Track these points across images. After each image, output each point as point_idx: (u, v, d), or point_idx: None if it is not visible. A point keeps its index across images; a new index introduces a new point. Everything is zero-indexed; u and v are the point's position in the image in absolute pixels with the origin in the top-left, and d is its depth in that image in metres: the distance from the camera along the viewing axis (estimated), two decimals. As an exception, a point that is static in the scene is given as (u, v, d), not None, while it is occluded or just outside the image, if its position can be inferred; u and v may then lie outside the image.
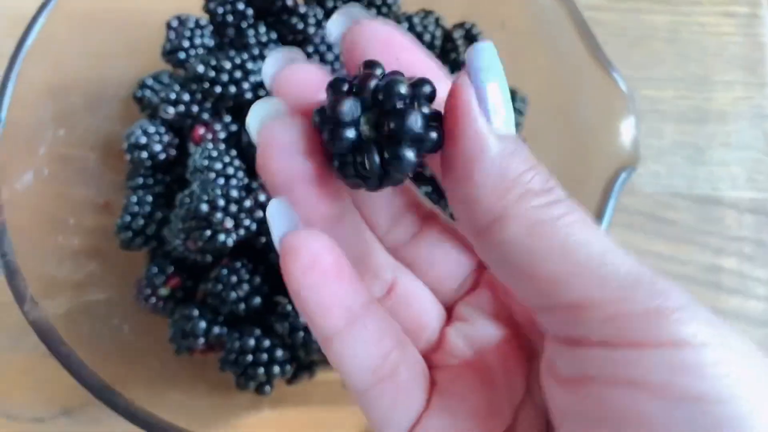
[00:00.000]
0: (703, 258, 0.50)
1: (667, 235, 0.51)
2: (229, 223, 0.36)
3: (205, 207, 0.35)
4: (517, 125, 0.43)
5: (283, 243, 0.18)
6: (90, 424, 0.46)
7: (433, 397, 0.20)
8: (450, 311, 0.23)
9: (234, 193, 0.37)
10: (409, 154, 0.16)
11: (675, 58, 0.55)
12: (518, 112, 0.42)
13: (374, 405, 0.20)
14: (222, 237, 0.36)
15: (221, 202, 0.36)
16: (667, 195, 0.52)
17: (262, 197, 0.38)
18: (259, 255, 0.39)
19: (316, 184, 0.18)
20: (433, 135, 0.16)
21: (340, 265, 0.19)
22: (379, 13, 0.45)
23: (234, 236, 0.36)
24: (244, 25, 0.43)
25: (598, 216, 0.31)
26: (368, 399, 0.20)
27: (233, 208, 0.36)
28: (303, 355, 0.38)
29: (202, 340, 0.38)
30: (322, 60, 0.41)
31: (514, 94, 0.43)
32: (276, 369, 0.37)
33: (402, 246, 0.23)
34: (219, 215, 0.35)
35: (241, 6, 0.43)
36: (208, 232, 0.36)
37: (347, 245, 0.20)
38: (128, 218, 0.41)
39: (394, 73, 0.17)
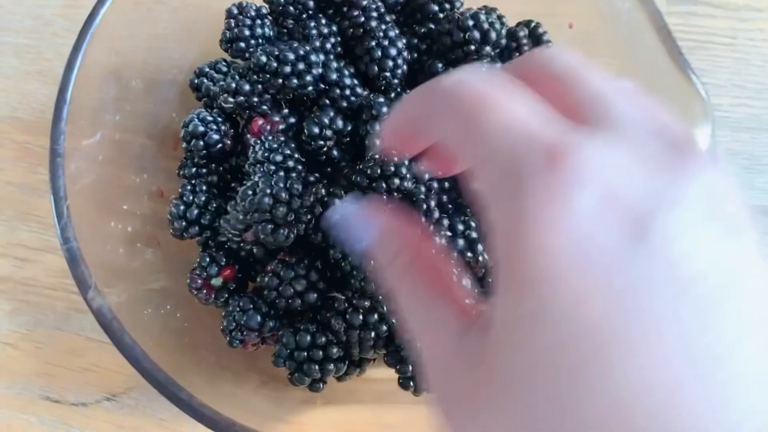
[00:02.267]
0: (757, 270, 0.49)
1: (719, 246, 0.50)
2: (290, 218, 0.36)
3: (268, 200, 0.35)
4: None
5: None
6: (133, 410, 0.46)
7: None
8: None
9: (296, 188, 0.37)
10: None
11: (734, 65, 0.54)
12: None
13: None
14: (284, 231, 0.36)
15: (284, 196, 0.35)
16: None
17: (321, 191, 0.38)
18: (316, 250, 0.39)
19: None
20: None
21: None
22: (442, 10, 0.44)
23: (295, 231, 0.36)
24: (304, 16, 0.43)
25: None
26: None
27: (295, 203, 0.36)
28: (356, 353, 0.37)
29: (256, 334, 0.37)
30: (384, 55, 0.41)
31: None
32: (331, 366, 0.37)
33: None
34: (282, 209, 0.35)
35: (302, -4, 0.42)
36: (271, 226, 0.36)
37: None
38: (182, 207, 0.41)
39: None
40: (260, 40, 0.43)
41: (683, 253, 0.15)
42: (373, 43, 0.41)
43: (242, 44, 0.42)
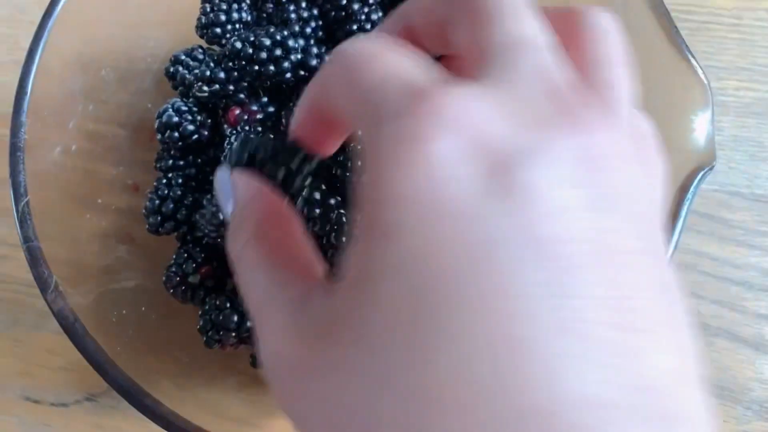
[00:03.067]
0: (762, 262, 0.47)
1: (723, 237, 0.48)
2: None
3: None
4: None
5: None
6: (114, 410, 0.45)
7: None
8: None
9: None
10: None
11: (739, 46, 0.52)
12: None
13: None
14: None
15: None
16: (725, 194, 0.49)
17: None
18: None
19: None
20: None
21: None
22: None
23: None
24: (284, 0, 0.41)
25: (673, 220, 0.28)
26: None
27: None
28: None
29: (233, 334, 0.36)
30: (367, 39, 0.38)
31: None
32: (310, 367, 0.35)
33: None
34: None
35: (281, -22, 0.40)
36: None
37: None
38: (157, 201, 0.39)
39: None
40: (237, 26, 0.41)
41: (546, 214, 0.14)
42: (355, 27, 0.39)
43: (218, 30, 0.40)
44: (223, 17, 0.40)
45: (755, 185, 0.49)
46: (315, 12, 0.41)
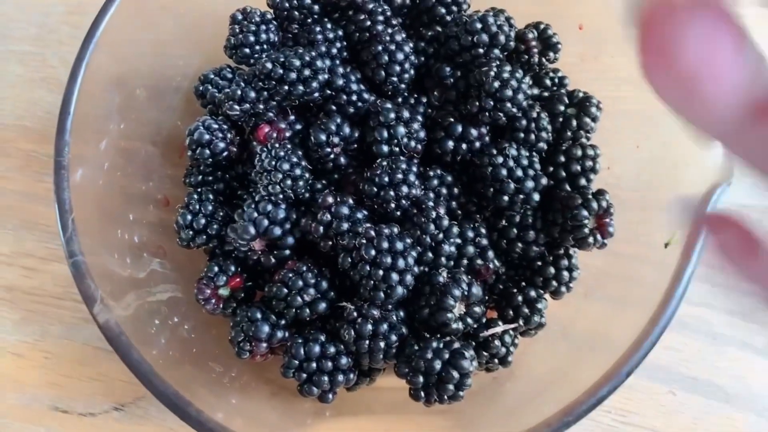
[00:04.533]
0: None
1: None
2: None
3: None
4: (590, 131, 0.41)
5: None
6: (142, 420, 0.46)
7: None
8: None
9: (301, 193, 0.37)
10: None
11: None
12: (592, 118, 0.41)
13: None
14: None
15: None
16: (738, 205, 0.50)
17: (329, 200, 0.37)
18: (325, 258, 0.38)
19: None
20: None
21: None
22: (449, 13, 0.43)
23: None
24: (309, 20, 0.42)
25: (693, 240, 0.30)
26: None
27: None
28: (366, 363, 0.37)
29: (265, 345, 0.37)
30: (391, 60, 0.40)
31: (587, 100, 0.41)
32: (340, 377, 0.36)
33: None
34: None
35: (307, 1, 0.42)
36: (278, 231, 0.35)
37: None
38: (189, 216, 0.40)
39: None
40: (265, 46, 0.42)
41: None
42: (380, 48, 0.40)
43: (247, 50, 0.42)
44: (252, 38, 0.42)
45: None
46: (340, 33, 0.42)
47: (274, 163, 0.38)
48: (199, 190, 0.42)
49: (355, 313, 0.36)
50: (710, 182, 0.31)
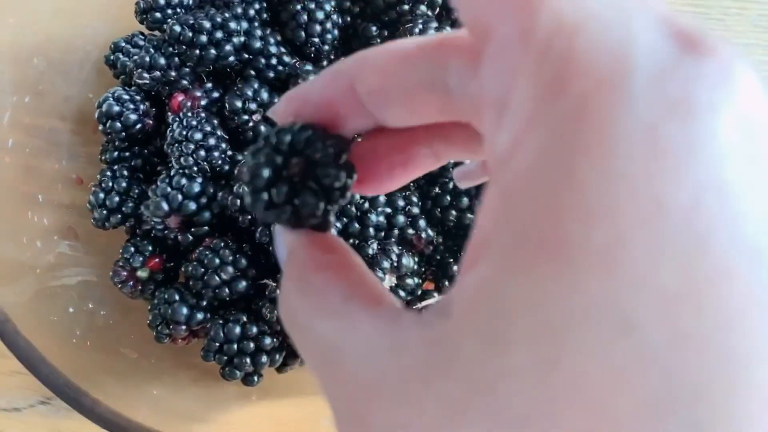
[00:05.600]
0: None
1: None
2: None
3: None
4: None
5: None
6: (69, 414, 0.43)
7: None
8: None
9: (217, 165, 0.34)
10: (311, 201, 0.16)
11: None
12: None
13: None
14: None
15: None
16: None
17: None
18: (244, 234, 0.36)
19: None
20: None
21: None
22: None
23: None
24: (226, -19, 0.39)
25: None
26: None
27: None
28: (293, 342, 0.35)
29: (183, 328, 0.35)
30: (311, 19, 0.37)
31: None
32: (264, 358, 0.34)
33: None
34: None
35: (222, -40, 0.39)
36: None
37: None
38: (102, 195, 0.38)
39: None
40: (178, 10, 0.39)
41: None
42: (299, 7, 0.38)
43: (158, 14, 0.39)
44: (162, 1, 0.39)
45: None
46: (258, -7, 0.39)
47: (185, 133, 0.35)
48: (114, 167, 0.39)
49: (277, 291, 0.34)
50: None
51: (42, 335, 0.30)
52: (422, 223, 0.37)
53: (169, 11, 0.39)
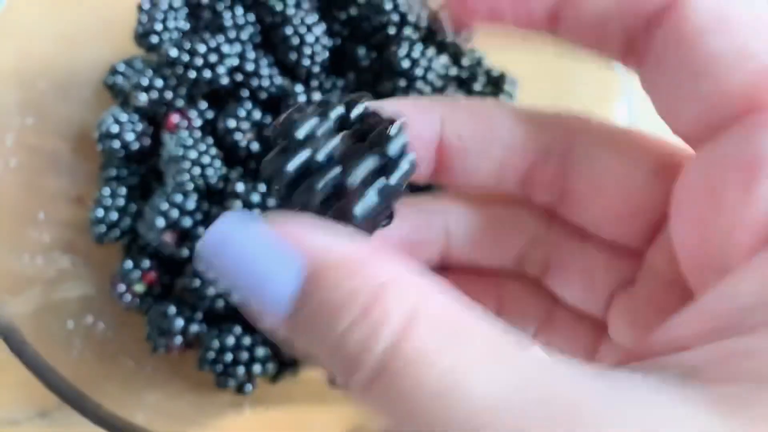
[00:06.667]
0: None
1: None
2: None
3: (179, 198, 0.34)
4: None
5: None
6: (68, 426, 0.44)
7: None
8: None
9: (212, 182, 0.36)
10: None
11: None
12: (507, 95, 0.40)
13: None
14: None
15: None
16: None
17: (239, 187, 0.36)
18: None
19: None
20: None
21: None
22: None
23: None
24: (220, 7, 0.41)
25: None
26: None
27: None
28: (286, 353, 0.36)
29: (179, 339, 0.36)
30: (302, 42, 0.39)
31: (503, 78, 0.41)
32: (257, 368, 0.35)
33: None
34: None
35: (217, -13, 0.41)
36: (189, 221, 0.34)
37: None
38: (101, 211, 0.39)
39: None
40: (174, 34, 0.41)
41: None
42: (290, 31, 0.39)
43: (155, 38, 0.40)
44: (159, 26, 0.40)
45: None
46: (251, 18, 0.41)
47: (181, 151, 0.37)
48: (112, 185, 0.41)
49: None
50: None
51: (45, 345, 0.31)
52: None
53: (166, 35, 0.41)
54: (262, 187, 0.36)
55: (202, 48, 0.37)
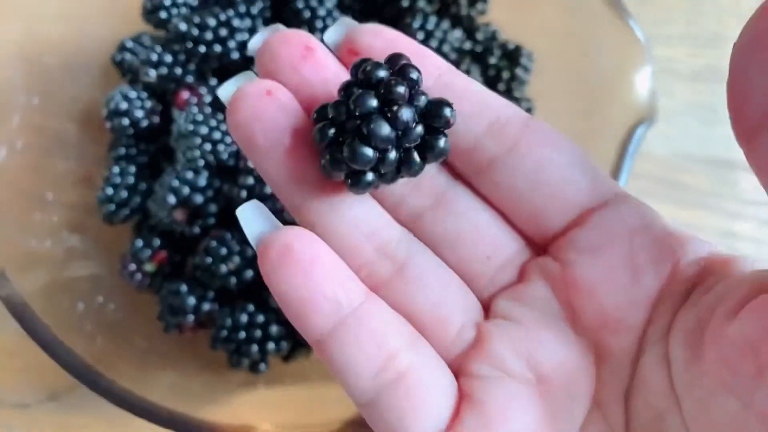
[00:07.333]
0: (719, 223, 0.47)
1: (679, 200, 0.48)
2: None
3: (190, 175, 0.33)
4: (524, 83, 0.40)
5: (259, 242, 0.18)
6: (78, 409, 0.44)
7: (464, 412, 0.17)
8: (488, 307, 0.18)
9: (223, 159, 0.35)
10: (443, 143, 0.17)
11: (688, 15, 0.52)
12: (524, 68, 0.39)
13: (379, 418, 0.16)
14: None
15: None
16: (680, 158, 0.49)
17: (251, 163, 0.36)
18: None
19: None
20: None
21: (317, 254, 0.17)
22: None
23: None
24: (229, -19, 0.40)
25: (614, 175, 0.29)
26: (371, 411, 0.16)
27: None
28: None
29: (191, 317, 0.35)
30: (314, 16, 0.38)
31: (518, 51, 0.40)
32: (271, 345, 0.35)
33: (419, 217, 0.18)
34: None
35: (226, -39, 0.40)
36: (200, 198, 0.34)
37: (345, 222, 0.18)
38: (110, 190, 0.38)
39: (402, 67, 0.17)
40: (183, 9, 0.40)
41: None
42: (302, 4, 0.39)
43: (164, 13, 0.40)
44: (168, 1, 0.40)
45: (709, 148, 0.49)
46: (261, -8, 0.40)
47: (191, 127, 0.36)
48: (121, 163, 0.40)
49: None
50: (633, 120, 0.30)
51: (56, 323, 0.30)
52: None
53: (174, 11, 0.40)
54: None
55: (212, 22, 0.37)
